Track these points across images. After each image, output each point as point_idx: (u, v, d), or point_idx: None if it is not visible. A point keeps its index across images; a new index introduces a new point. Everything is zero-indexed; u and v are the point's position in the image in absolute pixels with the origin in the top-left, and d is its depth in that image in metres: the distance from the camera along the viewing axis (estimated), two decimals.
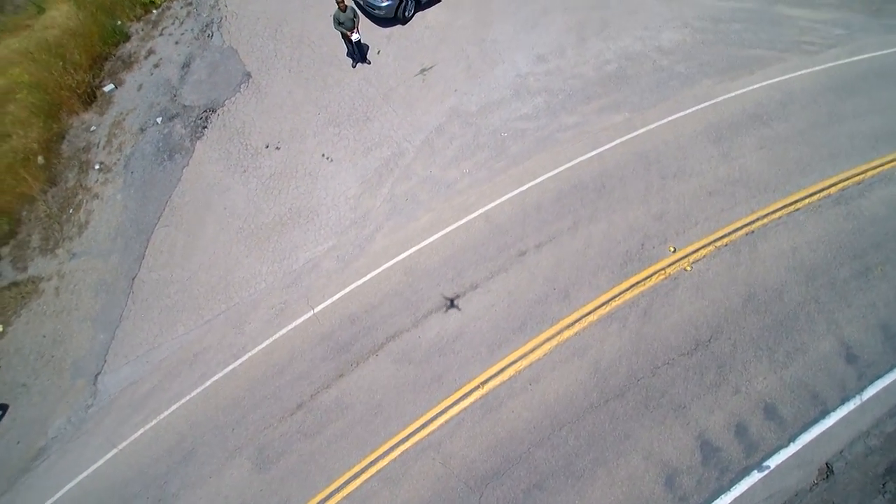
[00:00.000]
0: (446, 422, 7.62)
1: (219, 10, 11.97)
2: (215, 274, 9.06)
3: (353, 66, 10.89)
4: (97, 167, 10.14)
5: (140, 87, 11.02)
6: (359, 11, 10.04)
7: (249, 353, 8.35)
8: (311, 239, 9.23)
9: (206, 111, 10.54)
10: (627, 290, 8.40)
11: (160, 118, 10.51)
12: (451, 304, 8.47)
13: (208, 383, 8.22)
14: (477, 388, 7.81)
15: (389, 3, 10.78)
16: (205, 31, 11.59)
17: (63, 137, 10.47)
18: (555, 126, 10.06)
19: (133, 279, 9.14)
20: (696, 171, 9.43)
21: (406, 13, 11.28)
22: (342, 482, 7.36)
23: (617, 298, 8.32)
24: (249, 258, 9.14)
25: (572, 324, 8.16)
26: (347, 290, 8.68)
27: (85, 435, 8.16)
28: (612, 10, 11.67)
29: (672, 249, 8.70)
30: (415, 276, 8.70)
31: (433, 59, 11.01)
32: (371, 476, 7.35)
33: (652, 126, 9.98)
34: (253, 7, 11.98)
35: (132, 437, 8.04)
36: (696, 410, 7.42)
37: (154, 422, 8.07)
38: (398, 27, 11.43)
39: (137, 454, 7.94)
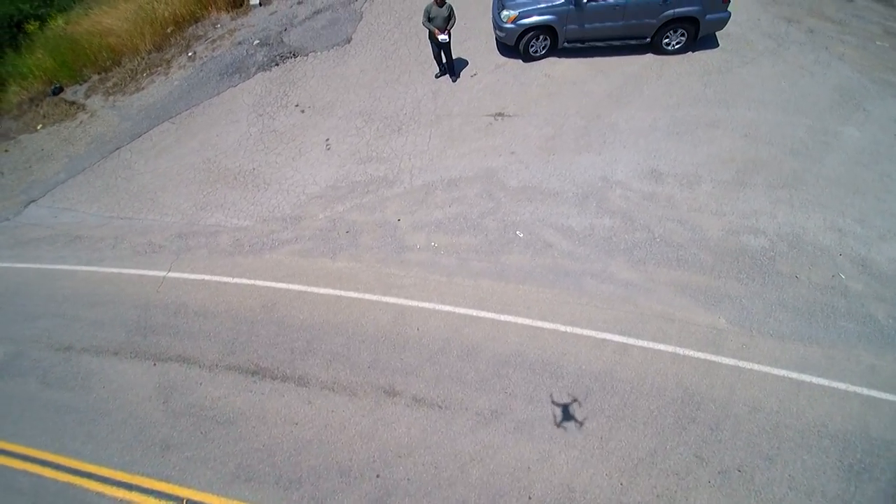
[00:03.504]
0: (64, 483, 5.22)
1: None
2: (155, 184, 8.42)
3: (436, 76, 9.08)
4: (190, 54, 10.75)
5: (273, 13, 11.39)
6: (455, 15, 8.18)
7: (97, 268, 7.39)
8: (238, 206, 7.78)
9: (290, 53, 10.16)
10: None
11: (257, 41, 10.58)
12: (261, 377, 5.90)
13: (56, 267, 7.59)
14: (124, 485, 5.18)
15: (512, 27, 8.59)
16: None
17: (196, 22, 11.48)
18: (596, 267, 6.37)
19: (117, 148, 9.22)
20: (768, 496, 4.65)
21: (532, 51, 8.90)
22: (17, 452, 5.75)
23: None
24: (186, 188, 8.21)
25: None
26: (208, 277, 6.93)
27: None
28: (821, 170, 7.06)
29: None
30: (267, 315, 6.40)
31: (520, 110, 8.38)
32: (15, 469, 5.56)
33: (754, 367, 5.45)
34: None
35: None
36: None
37: (5, 265, 7.78)
38: (516, 62, 9.14)
39: None
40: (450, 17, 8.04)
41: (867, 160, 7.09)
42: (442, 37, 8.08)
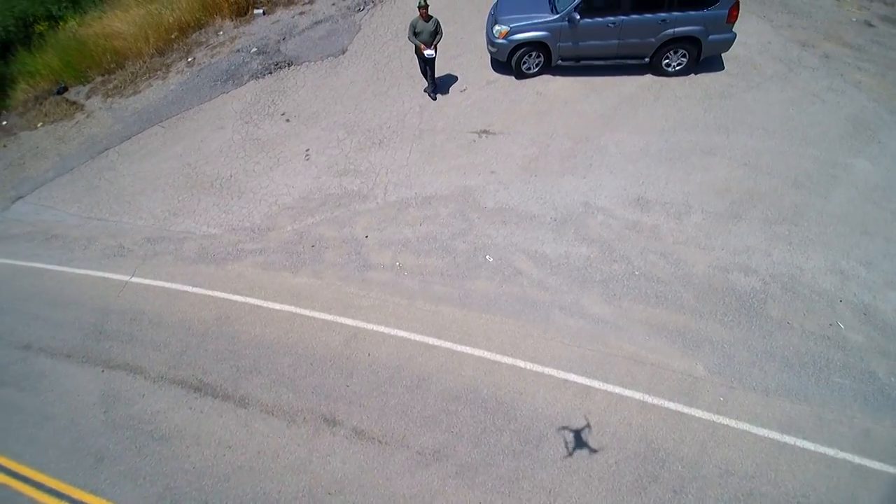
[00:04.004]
0: None
1: None
2: (135, 186, 8.38)
3: (425, 91, 8.85)
4: (189, 59, 10.85)
5: (275, 22, 11.43)
6: (441, 30, 7.95)
7: (66, 268, 7.34)
8: (209, 214, 7.64)
9: (285, 62, 10.13)
10: None
11: (255, 49, 10.61)
12: (203, 394, 5.64)
13: (29, 264, 7.59)
14: (55, 493, 4.98)
15: (504, 42, 8.30)
16: (361, 5, 11.33)
17: (200, 28, 11.61)
18: (567, 299, 5.92)
19: (105, 150, 9.27)
20: None
21: (524, 68, 8.59)
22: None
23: None
24: (163, 193, 8.13)
25: None
26: (169, 285, 6.76)
27: None
28: (826, 206, 6.46)
29: None
30: (219, 329, 6.17)
31: (506, 127, 8.06)
32: None
33: (731, 423, 4.90)
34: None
35: None
36: None
37: None
38: (509, 78, 8.83)
39: None
40: (436, 32, 7.82)
41: (878, 197, 6.46)
42: (428, 52, 7.86)
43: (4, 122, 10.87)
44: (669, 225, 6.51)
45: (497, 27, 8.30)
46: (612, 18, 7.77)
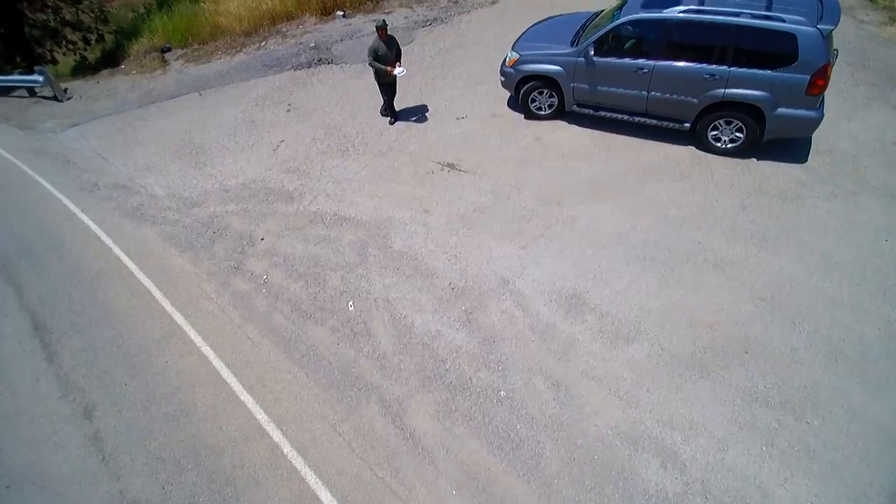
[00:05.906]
0: None
1: (459, 18, 10.98)
2: (143, 137, 8.99)
3: (391, 123, 7.90)
4: (261, 44, 11.69)
5: (348, 25, 11.71)
6: (400, 47, 7.19)
7: (51, 189, 7.91)
8: (169, 176, 7.75)
9: (328, 60, 10.20)
10: None
11: (313, 44, 10.95)
12: (36, 335, 5.51)
13: (35, 177, 8.45)
14: None
15: (511, 72, 7.00)
16: (428, 22, 11.00)
17: (290, 20, 12.48)
18: (394, 392, 4.41)
19: (152, 103, 10.33)
20: None
21: (534, 107, 7.12)
22: None
23: None
24: (155, 148, 8.56)
25: None
26: (94, 228, 6.92)
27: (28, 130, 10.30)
28: (871, 406, 3.80)
29: None
30: (91, 282, 6.05)
31: (476, 167, 6.70)
32: None
33: None
34: (483, 30, 10.31)
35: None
36: None
37: (17, 163, 9.00)
38: (517, 117, 7.43)
39: None
40: (399, 51, 7.21)
41: None
42: (399, 70, 7.12)
43: (123, 66, 13.04)
44: (593, 346, 4.52)
45: (509, 53, 7.09)
46: (639, 62, 5.98)
